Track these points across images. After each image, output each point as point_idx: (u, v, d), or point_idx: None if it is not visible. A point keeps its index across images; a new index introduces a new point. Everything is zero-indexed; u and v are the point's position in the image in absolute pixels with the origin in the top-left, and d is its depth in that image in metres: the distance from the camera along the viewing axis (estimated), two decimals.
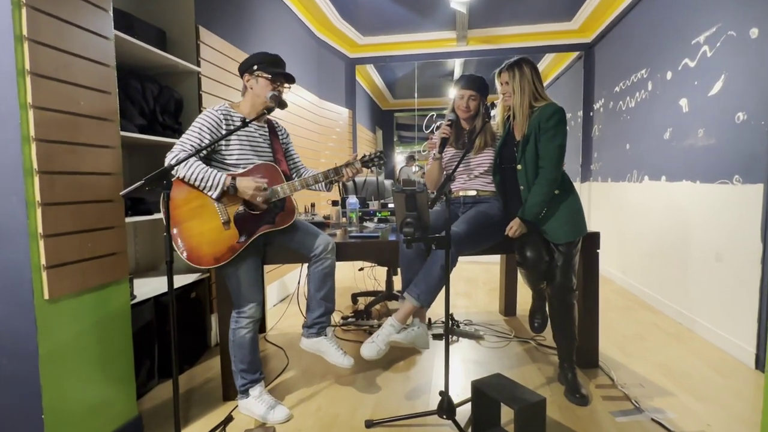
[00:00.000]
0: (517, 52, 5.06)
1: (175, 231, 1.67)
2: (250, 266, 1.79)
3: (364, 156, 1.93)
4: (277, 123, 2.01)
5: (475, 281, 4.21)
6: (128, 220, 1.95)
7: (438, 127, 2.27)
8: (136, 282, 2.14)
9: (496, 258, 4.66)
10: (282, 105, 1.78)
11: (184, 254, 1.66)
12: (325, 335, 1.89)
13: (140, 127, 2.11)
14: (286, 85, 1.86)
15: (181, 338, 2.31)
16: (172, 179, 1.69)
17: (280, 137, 1.98)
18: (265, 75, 1.79)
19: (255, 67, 1.80)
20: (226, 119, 1.75)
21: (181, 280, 2.29)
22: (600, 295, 3.49)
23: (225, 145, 1.75)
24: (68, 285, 1.40)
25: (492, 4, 4.30)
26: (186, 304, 2.38)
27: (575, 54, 5.14)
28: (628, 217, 3.84)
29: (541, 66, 5.94)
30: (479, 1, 4.17)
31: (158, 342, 2.13)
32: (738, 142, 2.37)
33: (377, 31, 5.05)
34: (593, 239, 2.16)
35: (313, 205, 2.81)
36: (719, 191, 2.52)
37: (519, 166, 1.94)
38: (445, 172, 2.17)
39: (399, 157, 8.17)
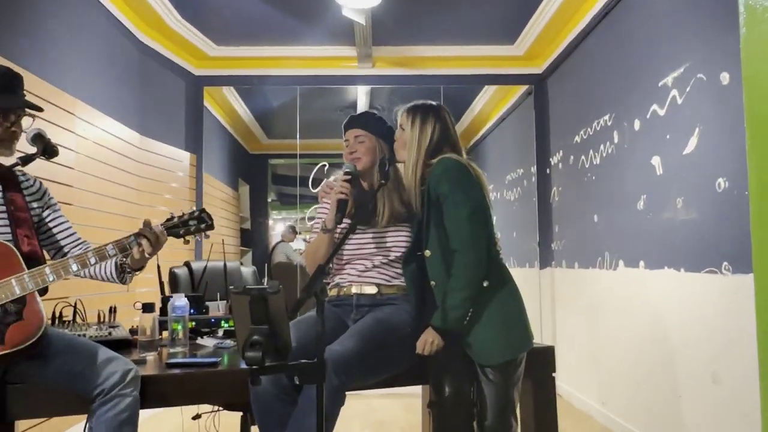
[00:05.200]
0: (443, 81, 5.55)
1: None
2: None
3: (171, 218, 1.94)
4: (23, 174, 1.96)
5: (390, 426, 4.15)
6: None
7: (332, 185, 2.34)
8: None
9: (418, 389, 4.67)
10: (52, 153, 1.74)
11: None
12: None
13: None
14: (30, 113, 1.87)
15: None
16: None
17: (28, 198, 1.93)
18: None
19: None
20: None
21: None
22: None
23: None
24: None
25: (404, 15, 4.71)
26: None
27: (523, 89, 5.77)
28: (604, 319, 4.17)
29: (479, 102, 6.53)
30: (386, 11, 4.51)
31: None
32: (722, 217, 2.77)
33: (239, 38, 5.23)
34: (545, 357, 2.26)
35: (112, 311, 2.64)
36: (707, 283, 2.87)
37: (427, 252, 2.04)
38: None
39: (278, 226, 8.13)
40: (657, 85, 3.38)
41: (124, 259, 1.94)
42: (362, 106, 6.38)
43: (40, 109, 1.88)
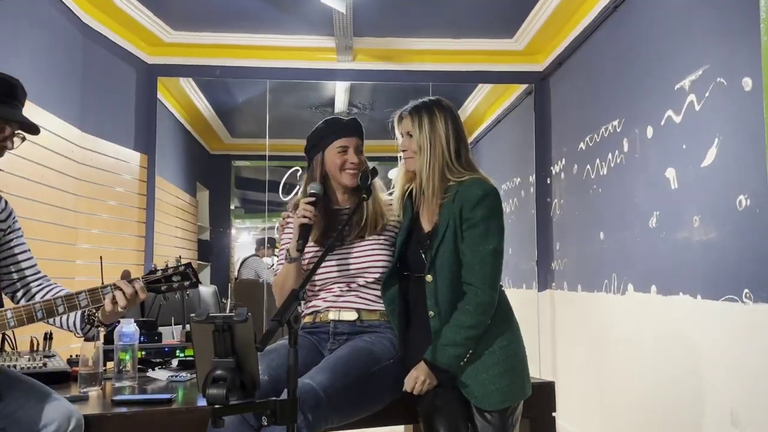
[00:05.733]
0: (432, 77, 5.57)
1: None
2: None
3: (154, 270, 1.97)
4: None
5: None
6: None
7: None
8: None
9: (401, 429, 4.67)
10: None
11: None
12: None
13: None
14: (18, 134, 1.91)
15: None
16: None
17: None
18: None
19: None
20: None
21: None
22: None
23: None
24: None
25: (389, 3, 4.71)
26: None
27: (522, 88, 5.82)
28: (610, 349, 4.20)
29: (473, 102, 6.59)
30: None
31: None
32: (743, 238, 2.81)
33: (199, 22, 5.19)
34: (544, 394, 2.29)
35: (48, 338, 2.60)
36: (725, 312, 2.91)
37: (428, 277, 2.04)
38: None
39: (242, 237, 8.08)
40: (673, 89, 3.42)
41: (94, 310, 1.95)
42: (340, 103, 6.40)
43: (36, 131, 1.93)
